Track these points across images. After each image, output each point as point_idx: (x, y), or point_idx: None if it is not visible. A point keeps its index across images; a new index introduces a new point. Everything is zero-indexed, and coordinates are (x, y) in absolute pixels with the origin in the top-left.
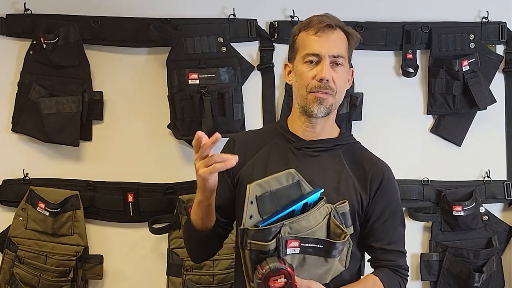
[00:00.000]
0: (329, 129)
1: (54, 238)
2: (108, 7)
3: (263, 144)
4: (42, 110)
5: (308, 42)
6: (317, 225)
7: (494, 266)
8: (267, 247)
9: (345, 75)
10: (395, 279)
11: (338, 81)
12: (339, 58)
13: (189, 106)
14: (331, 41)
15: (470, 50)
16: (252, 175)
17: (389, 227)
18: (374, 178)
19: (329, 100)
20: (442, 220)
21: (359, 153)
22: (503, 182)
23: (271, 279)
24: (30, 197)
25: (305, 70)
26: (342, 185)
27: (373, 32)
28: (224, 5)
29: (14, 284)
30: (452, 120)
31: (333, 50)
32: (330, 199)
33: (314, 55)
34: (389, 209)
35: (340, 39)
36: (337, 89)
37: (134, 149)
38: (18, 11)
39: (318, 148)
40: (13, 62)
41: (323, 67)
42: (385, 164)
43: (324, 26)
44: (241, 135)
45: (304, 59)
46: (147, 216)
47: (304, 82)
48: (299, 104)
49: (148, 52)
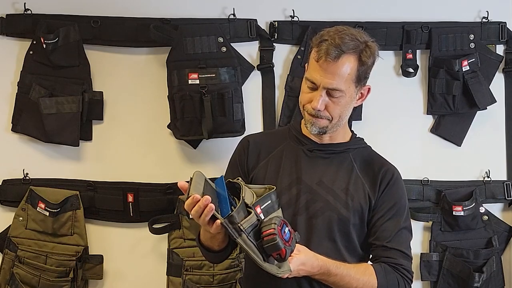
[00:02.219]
0: (341, 134)
1: (54, 238)
2: (108, 7)
3: (277, 145)
4: (42, 110)
5: (311, 66)
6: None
7: (494, 266)
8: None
9: (343, 103)
10: (393, 275)
11: (332, 110)
12: (336, 92)
13: (189, 106)
14: (330, 73)
15: (470, 50)
16: (266, 175)
17: (392, 226)
18: (384, 179)
19: (322, 123)
20: (442, 220)
21: (370, 157)
22: (503, 182)
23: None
24: (30, 197)
25: (305, 90)
26: (351, 186)
27: (373, 32)
28: (224, 5)
29: (14, 284)
30: (452, 120)
31: (329, 84)
32: (339, 199)
33: (311, 82)
34: (394, 209)
35: (344, 69)
36: (332, 116)
37: (134, 149)
38: (18, 11)
39: (329, 151)
40: (13, 62)
41: (316, 98)
42: (395, 168)
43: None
44: (255, 135)
45: (307, 79)
46: (147, 216)
47: (303, 101)
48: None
49: (148, 52)
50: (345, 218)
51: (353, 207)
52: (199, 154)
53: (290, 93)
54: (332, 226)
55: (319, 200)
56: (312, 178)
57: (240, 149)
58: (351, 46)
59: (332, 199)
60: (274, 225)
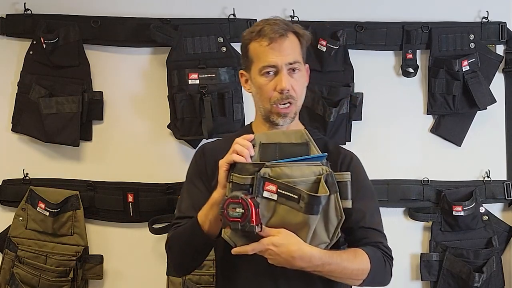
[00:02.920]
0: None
1: (54, 238)
2: (108, 7)
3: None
4: (42, 110)
5: (262, 54)
6: (301, 178)
7: (494, 266)
8: (243, 180)
9: (303, 79)
10: (379, 254)
11: (297, 88)
12: (295, 64)
13: (189, 106)
14: (285, 49)
15: (470, 50)
16: None
17: (364, 207)
18: (343, 164)
19: (292, 110)
20: (442, 220)
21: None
22: (503, 182)
23: (230, 205)
24: (30, 197)
25: (264, 83)
26: None
27: (373, 32)
28: (224, 5)
29: (14, 284)
30: (452, 120)
31: (288, 58)
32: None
33: (271, 66)
34: (361, 191)
35: (293, 44)
36: (297, 96)
37: (134, 149)
38: (18, 11)
39: None
40: (13, 62)
41: (282, 79)
42: (352, 153)
43: (277, 37)
44: (210, 144)
45: (261, 71)
46: (147, 216)
47: (266, 95)
48: (263, 114)
49: (148, 52)
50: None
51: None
52: None
53: None
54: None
55: None
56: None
57: (197, 159)
58: (291, 27)
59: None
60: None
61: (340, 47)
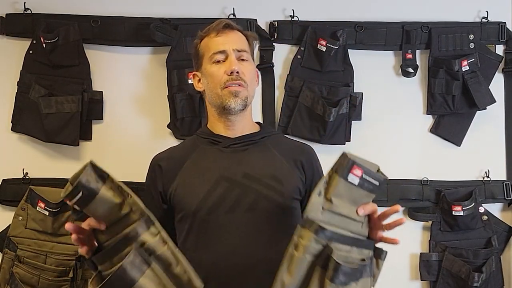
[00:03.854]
0: (250, 125)
1: (53, 237)
2: (108, 6)
3: (189, 154)
4: (42, 110)
5: (211, 43)
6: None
7: (493, 266)
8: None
9: (252, 69)
10: None
11: (247, 73)
12: (243, 53)
13: (189, 106)
14: (232, 38)
15: (469, 50)
16: (187, 184)
17: None
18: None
19: (243, 92)
20: (441, 220)
21: (286, 142)
22: (503, 182)
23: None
24: (29, 197)
25: (215, 69)
26: (278, 172)
27: (373, 32)
28: (224, 5)
29: (13, 283)
30: (451, 120)
31: (236, 45)
32: (271, 187)
33: (220, 52)
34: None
35: (241, 39)
36: (247, 80)
37: (134, 149)
38: (18, 11)
39: (245, 142)
40: (13, 62)
41: (230, 61)
42: (310, 148)
43: (222, 27)
44: (163, 154)
45: (211, 60)
46: None
47: (217, 80)
48: (215, 104)
49: (148, 52)
50: (282, 205)
51: (286, 193)
52: None
53: (290, 93)
54: (271, 216)
55: (250, 192)
56: (235, 172)
57: (151, 173)
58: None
59: (263, 188)
60: None
61: (340, 47)
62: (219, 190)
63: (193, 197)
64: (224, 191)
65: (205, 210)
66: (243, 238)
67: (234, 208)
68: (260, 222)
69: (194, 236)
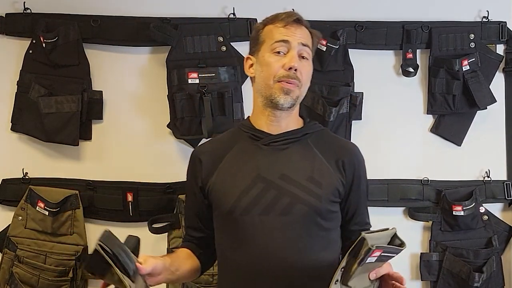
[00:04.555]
0: (295, 120)
1: (53, 237)
2: (108, 6)
3: (229, 149)
4: (41, 109)
5: (276, 31)
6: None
7: (494, 266)
8: None
9: (310, 70)
10: None
11: (304, 73)
12: (306, 49)
13: (189, 106)
14: (299, 32)
15: (470, 50)
16: (225, 180)
17: (365, 208)
18: (349, 165)
19: (295, 91)
20: (442, 220)
21: (329, 140)
22: (503, 182)
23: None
24: (29, 197)
25: (272, 60)
26: (316, 173)
27: (373, 32)
28: (224, 5)
29: (13, 283)
30: (452, 120)
31: (302, 39)
32: (307, 190)
33: (283, 41)
34: (364, 191)
35: (306, 34)
36: (303, 80)
37: (134, 148)
38: (17, 10)
39: (286, 140)
40: (12, 61)
41: (292, 56)
42: (355, 147)
43: (292, 20)
44: (203, 147)
45: (272, 49)
46: (147, 215)
47: (272, 72)
48: (264, 95)
49: (148, 52)
50: (319, 209)
51: (324, 196)
52: None
53: None
54: (306, 219)
55: (285, 195)
56: (273, 173)
57: (192, 166)
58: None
59: (299, 191)
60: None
61: (340, 46)
62: (254, 190)
63: (229, 196)
64: (259, 192)
65: (240, 211)
66: (276, 242)
67: (268, 211)
68: (294, 226)
69: (229, 235)
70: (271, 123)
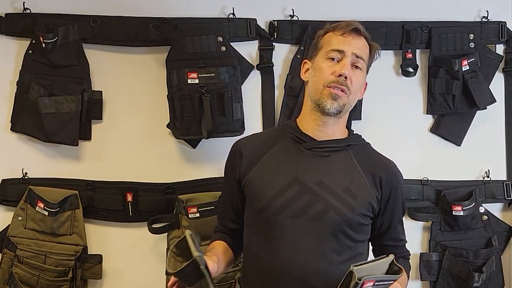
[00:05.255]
0: (341, 130)
1: (53, 237)
2: (108, 6)
3: (270, 147)
4: (41, 110)
5: (333, 40)
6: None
7: (493, 266)
8: None
9: (362, 80)
10: (408, 264)
11: (355, 82)
12: (360, 60)
13: (189, 106)
14: (356, 43)
15: (470, 50)
16: (261, 178)
17: (400, 225)
18: (386, 182)
19: (343, 98)
20: (441, 220)
21: (370, 155)
22: (503, 182)
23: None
24: (29, 197)
25: (325, 66)
26: (353, 185)
27: (373, 32)
28: (223, 5)
29: (13, 283)
30: (451, 120)
31: (356, 50)
32: (341, 200)
33: (338, 51)
34: (400, 208)
35: (364, 46)
36: (352, 89)
37: (134, 148)
38: (17, 10)
39: (329, 148)
40: (12, 62)
41: (344, 63)
42: (394, 166)
43: (351, 30)
44: (245, 140)
45: (326, 55)
46: (146, 215)
47: (323, 77)
48: (313, 99)
49: (148, 52)
50: (350, 219)
51: (357, 208)
52: (199, 154)
53: (289, 93)
54: (335, 228)
55: (319, 201)
56: (311, 178)
57: (231, 158)
58: (366, 35)
59: (333, 200)
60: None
61: None
62: (289, 192)
63: (264, 194)
64: (294, 194)
65: (273, 210)
66: (304, 246)
67: (300, 214)
68: (323, 232)
69: (258, 232)
70: (317, 128)
